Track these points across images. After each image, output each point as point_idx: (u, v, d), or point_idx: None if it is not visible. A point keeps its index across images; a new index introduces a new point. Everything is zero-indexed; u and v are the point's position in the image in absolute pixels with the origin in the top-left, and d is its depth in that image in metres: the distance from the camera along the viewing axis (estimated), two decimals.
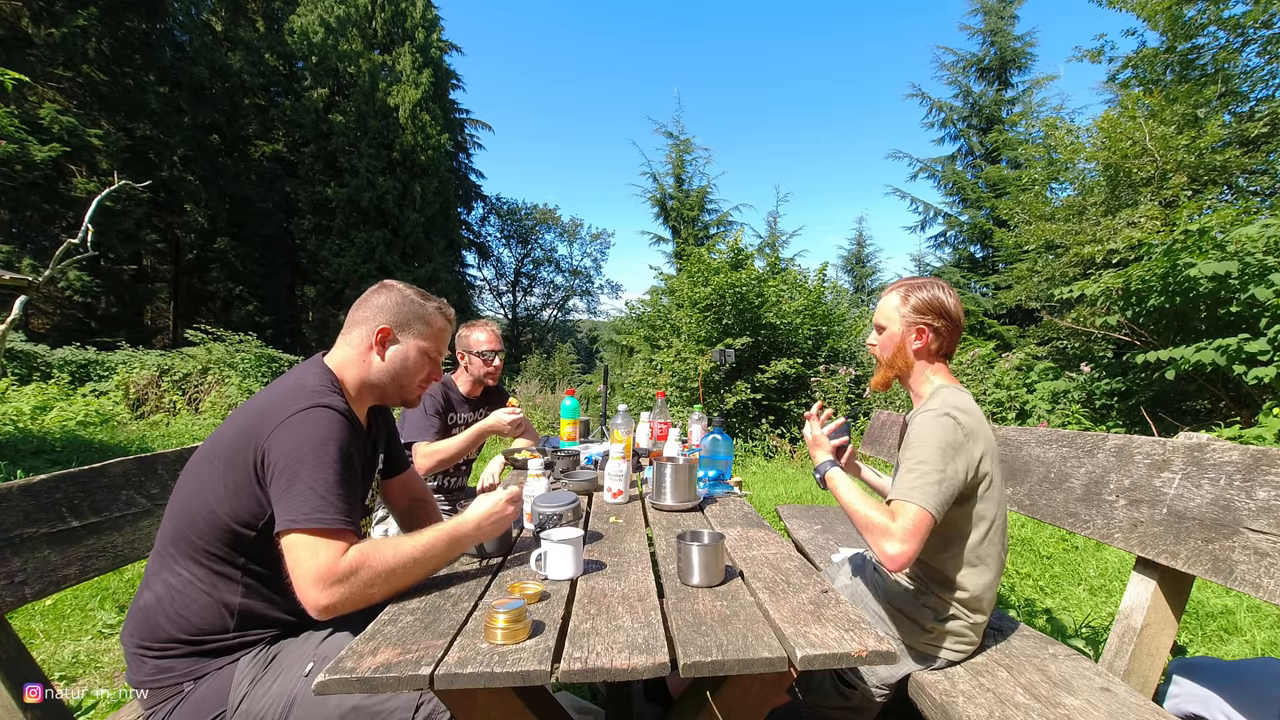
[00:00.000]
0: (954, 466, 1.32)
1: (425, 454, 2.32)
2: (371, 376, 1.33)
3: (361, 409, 1.37)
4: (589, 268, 35.72)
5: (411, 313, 1.34)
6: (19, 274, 8.54)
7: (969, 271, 14.87)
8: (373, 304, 1.34)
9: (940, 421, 1.35)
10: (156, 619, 1.15)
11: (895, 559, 1.25)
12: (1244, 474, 1.28)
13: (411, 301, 1.35)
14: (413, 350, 1.34)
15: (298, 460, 1.09)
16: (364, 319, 1.33)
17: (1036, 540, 3.82)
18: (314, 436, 1.12)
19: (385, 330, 1.31)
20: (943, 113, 15.40)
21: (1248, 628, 2.57)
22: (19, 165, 13.11)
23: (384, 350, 1.32)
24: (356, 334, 1.33)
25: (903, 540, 1.25)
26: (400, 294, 1.35)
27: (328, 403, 1.17)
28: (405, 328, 1.33)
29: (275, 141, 20.42)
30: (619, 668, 0.89)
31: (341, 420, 1.16)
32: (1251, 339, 4.58)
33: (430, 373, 1.41)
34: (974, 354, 7.49)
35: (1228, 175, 7.49)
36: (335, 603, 1.04)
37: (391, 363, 1.33)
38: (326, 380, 1.26)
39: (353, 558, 1.06)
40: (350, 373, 1.32)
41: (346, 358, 1.32)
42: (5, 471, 5.12)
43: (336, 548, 1.06)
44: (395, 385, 1.35)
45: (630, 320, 12.84)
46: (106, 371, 11.20)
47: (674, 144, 16.01)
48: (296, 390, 1.20)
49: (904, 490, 1.31)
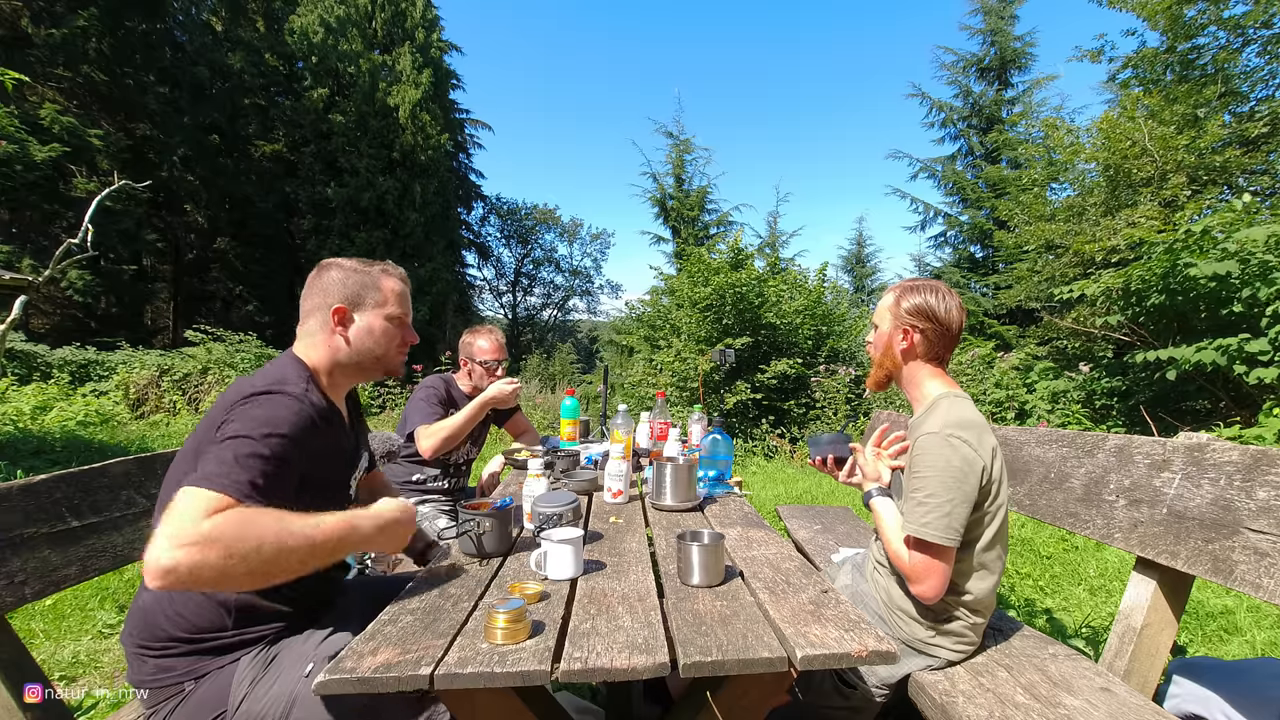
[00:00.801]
0: (962, 491, 1.32)
1: (428, 434, 2.29)
2: (342, 358, 1.29)
3: (340, 394, 1.34)
4: (589, 268, 35.76)
5: (360, 284, 1.30)
6: (19, 274, 8.53)
7: (969, 271, 14.87)
8: (319, 287, 1.30)
9: (945, 448, 1.34)
10: (156, 618, 1.14)
11: (921, 597, 1.36)
12: (1244, 474, 1.28)
13: (356, 273, 1.31)
14: (377, 321, 1.31)
15: (232, 435, 1.04)
16: (316, 305, 1.29)
17: (1036, 540, 3.82)
18: (257, 417, 1.07)
19: (340, 310, 1.28)
20: (943, 113, 15.41)
21: (1248, 628, 2.57)
22: (19, 165, 13.10)
23: (345, 329, 1.29)
24: (313, 321, 1.29)
25: (919, 580, 1.34)
26: (342, 270, 1.31)
27: (286, 389, 1.13)
28: (360, 302, 1.30)
29: (275, 141, 20.42)
30: (619, 668, 0.89)
31: (296, 406, 1.12)
32: (1252, 339, 4.58)
33: (404, 335, 1.37)
34: (974, 354, 7.49)
35: (1228, 175, 7.49)
36: (178, 567, 0.84)
37: (359, 339, 1.30)
38: (295, 370, 1.23)
39: (219, 523, 0.89)
40: (319, 360, 1.28)
41: (311, 346, 1.29)
42: (5, 471, 5.12)
43: (206, 506, 0.91)
44: (372, 359, 1.32)
45: (630, 320, 12.84)
46: (106, 371, 11.19)
47: (674, 144, 16.01)
48: (264, 378, 1.17)
49: (914, 525, 1.33)
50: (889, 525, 1.45)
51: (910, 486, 1.38)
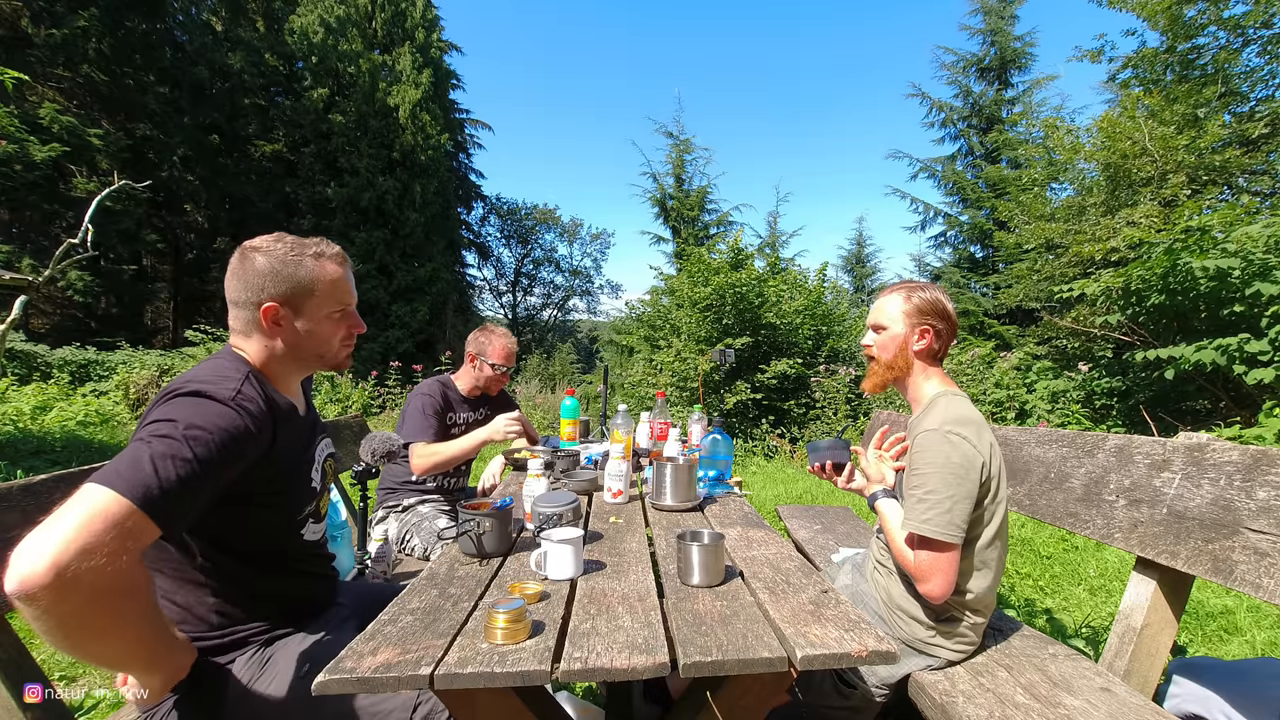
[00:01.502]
0: (963, 488, 1.32)
1: (423, 454, 2.31)
2: (280, 356, 1.17)
3: (290, 385, 1.23)
4: (589, 268, 35.73)
5: (294, 279, 1.13)
6: (19, 274, 8.53)
7: (969, 271, 14.87)
8: (243, 278, 1.13)
9: (945, 444, 1.34)
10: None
11: (929, 596, 1.35)
12: (1244, 474, 1.28)
13: (287, 263, 1.13)
14: (316, 321, 1.17)
15: (150, 431, 0.94)
16: (242, 299, 1.13)
17: (1036, 540, 3.82)
18: (182, 416, 0.96)
19: (271, 309, 1.12)
20: (943, 113, 15.41)
21: (1248, 628, 2.57)
22: (19, 165, 13.11)
23: (280, 328, 1.15)
24: (241, 317, 1.14)
25: (925, 579, 1.34)
26: (268, 259, 1.12)
27: (225, 395, 1.02)
28: (292, 299, 1.14)
29: (275, 141, 20.41)
30: (619, 668, 0.89)
31: (234, 415, 1.00)
32: (1252, 339, 4.58)
33: (349, 327, 1.23)
34: (974, 354, 7.49)
35: (1228, 175, 7.49)
36: (41, 590, 0.78)
37: (295, 340, 1.16)
38: (235, 368, 1.10)
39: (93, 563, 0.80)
40: (257, 357, 1.16)
41: (246, 342, 1.16)
42: (5, 471, 5.12)
43: (104, 509, 0.83)
44: (314, 357, 1.21)
45: (630, 320, 12.84)
46: (106, 371, 11.20)
47: (674, 144, 16.03)
48: (198, 377, 1.05)
49: (915, 522, 1.34)
50: (894, 526, 1.45)
51: (910, 484, 1.38)
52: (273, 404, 1.11)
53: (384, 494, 2.54)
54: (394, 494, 2.53)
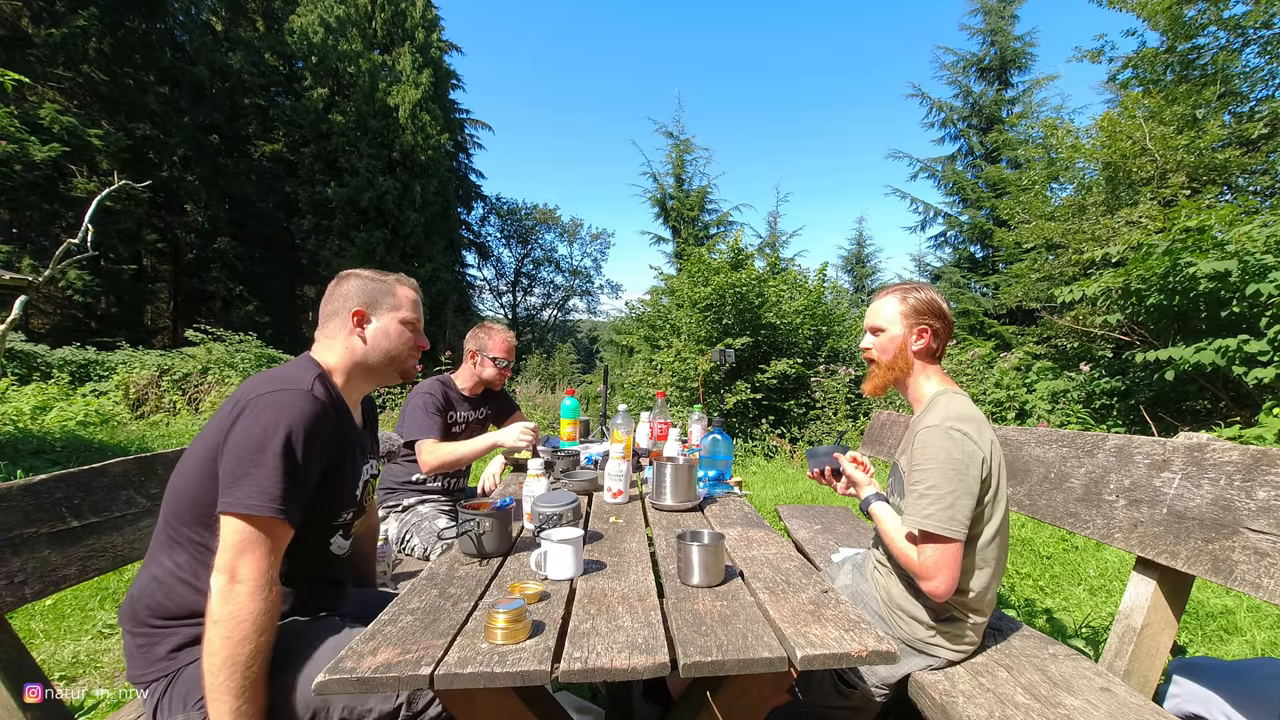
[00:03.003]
0: (964, 483, 1.32)
1: (432, 453, 2.31)
2: (359, 358, 1.37)
3: (354, 396, 1.40)
4: (589, 268, 35.74)
5: (377, 290, 1.40)
6: (19, 274, 8.53)
7: (969, 271, 14.86)
8: (339, 295, 1.39)
9: (946, 439, 1.34)
10: (147, 602, 1.17)
11: (933, 594, 1.34)
12: (1244, 474, 1.28)
13: (373, 281, 1.41)
14: (392, 324, 1.40)
15: (253, 440, 1.10)
16: (335, 310, 1.38)
17: (1036, 540, 3.82)
18: (274, 420, 1.12)
19: (359, 313, 1.37)
20: (943, 113, 15.40)
21: (1248, 628, 2.57)
22: (19, 165, 13.11)
23: (363, 331, 1.37)
24: (333, 325, 1.37)
25: (930, 576, 1.33)
26: (359, 279, 1.40)
27: (295, 385, 1.19)
28: (376, 306, 1.39)
29: (275, 141, 20.40)
30: (619, 668, 0.89)
31: (309, 401, 1.17)
32: (1251, 339, 4.58)
33: (416, 340, 1.45)
34: (974, 354, 7.48)
35: (1227, 175, 7.49)
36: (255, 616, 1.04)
37: (375, 340, 1.38)
38: (308, 367, 1.28)
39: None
40: (336, 360, 1.35)
41: (329, 349, 1.36)
42: (5, 471, 5.12)
43: (248, 538, 1.06)
44: (387, 359, 1.40)
45: (630, 320, 12.84)
46: (106, 371, 11.19)
47: (674, 144, 16.02)
48: (270, 377, 1.22)
49: (917, 518, 1.33)
50: (891, 527, 1.45)
51: (911, 480, 1.38)
52: (337, 405, 1.29)
53: (384, 494, 2.54)
54: (394, 494, 2.53)
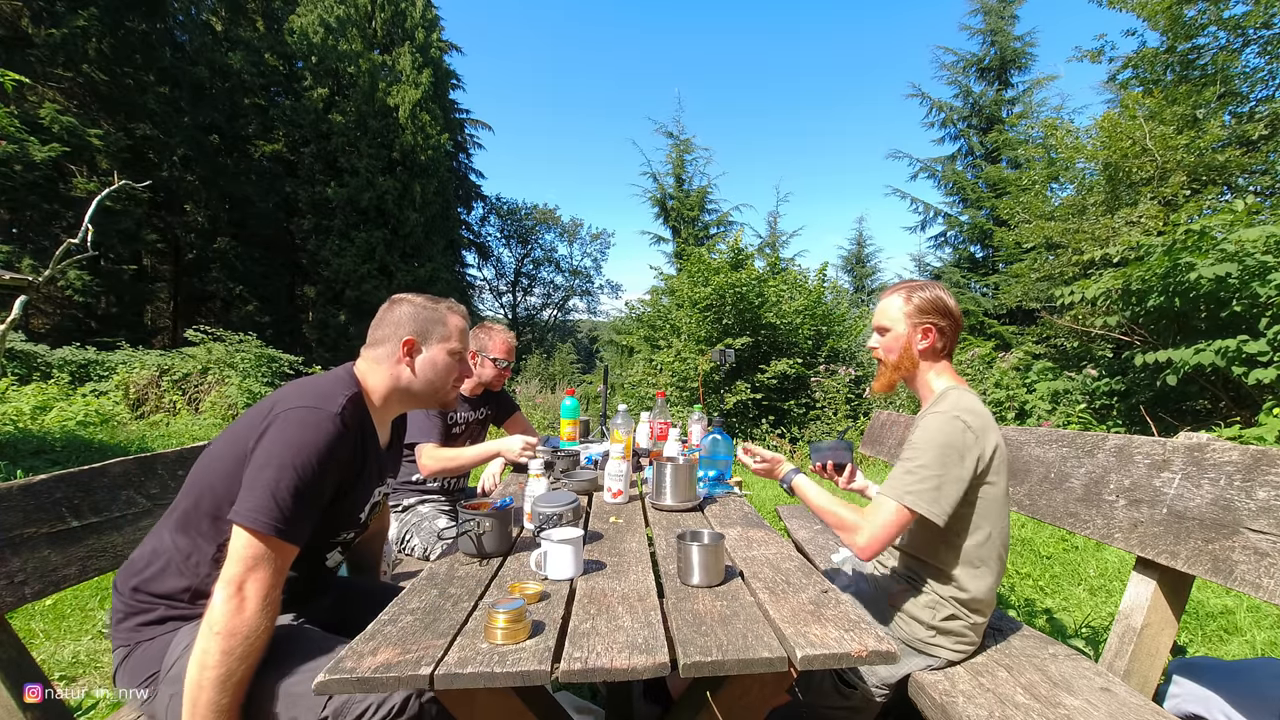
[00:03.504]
0: (957, 470, 1.32)
1: (433, 457, 2.30)
2: (404, 384, 1.38)
3: (386, 417, 1.41)
4: (589, 268, 35.73)
5: (429, 319, 1.40)
6: (19, 274, 8.53)
7: (969, 271, 14.87)
8: (391, 319, 1.39)
9: (949, 424, 1.35)
10: (137, 572, 1.20)
11: (861, 550, 1.35)
12: (1244, 474, 1.28)
13: (426, 309, 1.41)
14: (440, 355, 1.41)
15: (275, 454, 1.11)
16: (387, 335, 1.38)
17: (1036, 540, 3.82)
18: (298, 438, 1.13)
19: (410, 341, 1.37)
20: (943, 113, 15.41)
21: (1248, 628, 2.57)
22: (19, 165, 13.11)
23: (412, 360, 1.38)
24: (383, 350, 1.38)
25: (869, 535, 1.34)
26: (413, 306, 1.41)
27: (326, 405, 1.18)
28: (427, 336, 1.39)
29: (275, 141, 20.40)
30: (619, 668, 0.89)
31: (335, 424, 1.17)
32: (1251, 340, 4.58)
33: (462, 371, 1.46)
34: (974, 354, 7.49)
35: (1228, 175, 7.49)
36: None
37: (423, 370, 1.39)
38: (345, 385, 1.28)
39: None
40: (377, 382, 1.36)
41: (374, 371, 1.37)
42: (5, 471, 5.12)
43: (253, 553, 1.06)
44: (431, 389, 1.41)
45: (630, 320, 12.84)
46: (106, 371, 11.19)
47: (674, 144, 16.05)
48: (305, 389, 1.23)
49: (893, 488, 1.34)
50: (815, 492, 1.50)
51: (904, 456, 1.39)
52: (363, 428, 1.30)
53: None
54: (394, 494, 2.53)
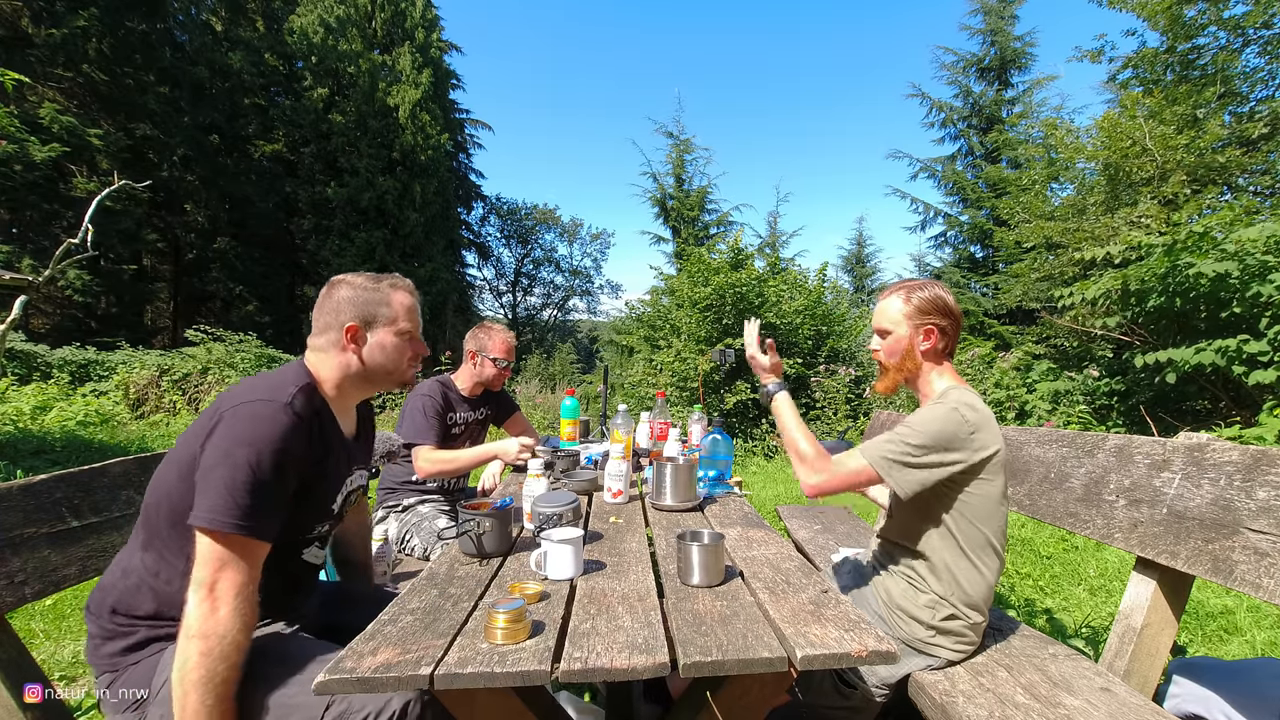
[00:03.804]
0: (939, 457, 1.33)
1: (429, 459, 2.31)
2: (354, 372, 1.32)
3: (346, 405, 1.36)
4: (589, 268, 35.74)
5: (372, 302, 1.33)
6: (19, 274, 8.53)
7: (969, 271, 14.86)
8: (331, 305, 1.32)
9: (949, 414, 1.35)
10: (111, 596, 1.16)
11: (809, 487, 1.38)
12: (1244, 474, 1.28)
13: (367, 290, 1.34)
14: (388, 338, 1.34)
15: (225, 452, 1.07)
16: (329, 322, 1.31)
17: (1036, 540, 3.82)
18: (247, 433, 1.09)
19: (353, 328, 1.31)
20: (943, 113, 15.40)
21: (1248, 628, 2.57)
22: (19, 165, 13.11)
23: (358, 346, 1.32)
24: (326, 338, 1.32)
25: (825, 478, 1.37)
26: (352, 288, 1.33)
27: (274, 397, 1.14)
28: (371, 320, 1.33)
29: (275, 141, 20.40)
30: (619, 668, 0.89)
31: (285, 415, 1.13)
32: (1251, 340, 4.58)
33: (414, 350, 1.40)
34: (974, 354, 7.49)
35: (1228, 175, 7.48)
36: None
37: (372, 356, 1.33)
38: (295, 377, 1.23)
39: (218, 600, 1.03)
40: (328, 371, 1.31)
41: (323, 360, 1.31)
42: (5, 471, 5.12)
43: (216, 554, 1.04)
44: (384, 373, 1.36)
45: (630, 320, 12.83)
46: (106, 371, 11.20)
47: (674, 144, 16.02)
48: (253, 385, 1.17)
49: (871, 449, 1.36)
50: (790, 419, 1.50)
51: (896, 429, 1.40)
52: (319, 417, 1.24)
53: (384, 494, 2.54)
54: (394, 494, 2.53)
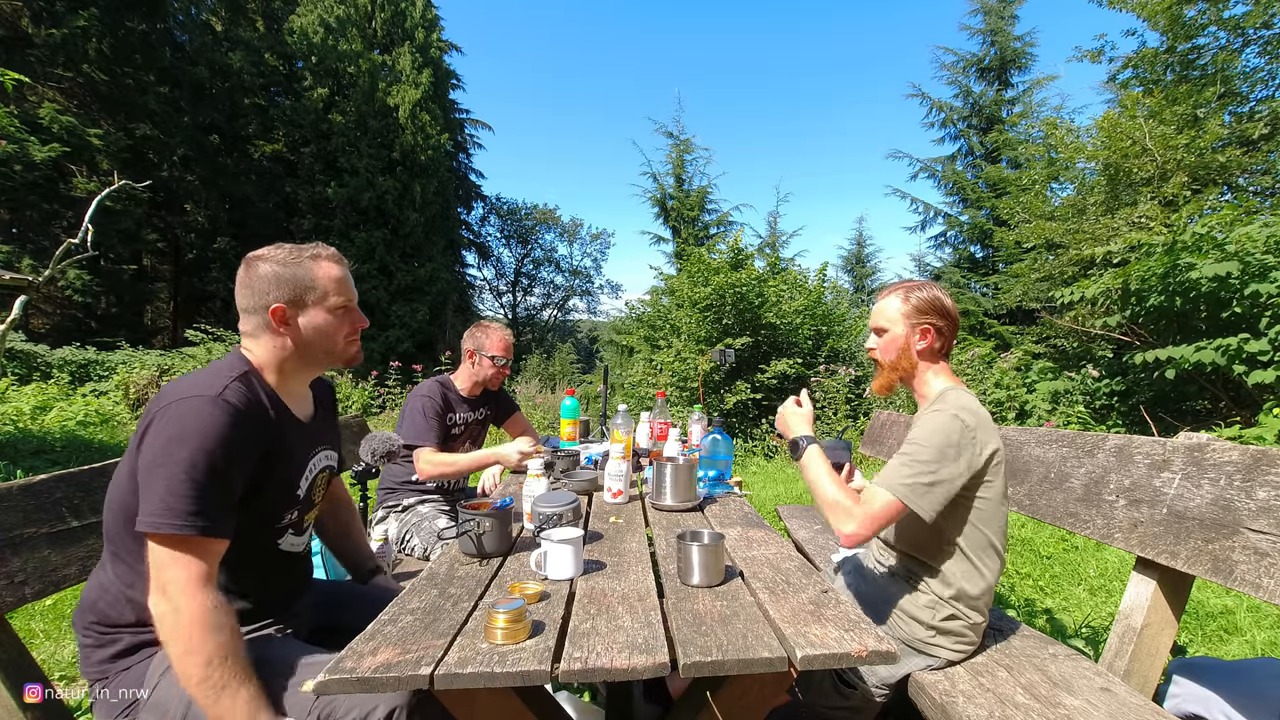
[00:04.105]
0: (952, 469, 1.33)
1: (430, 462, 2.31)
2: (289, 354, 1.23)
3: (294, 389, 1.29)
4: (589, 268, 35.72)
5: (294, 278, 1.21)
6: (19, 274, 8.54)
7: (969, 271, 14.86)
8: (252, 285, 1.20)
9: (949, 423, 1.35)
10: (92, 608, 1.14)
11: (848, 537, 1.34)
12: (1244, 474, 1.28)
13: (288, 266, 1.21)
14: (320, 317, 1.24)
15: (159, 453, 1.02)
16: (252, 304, 1.20)
17: (1036, 540, 3.82)
18: (179, 431, 1.03)
19: (279, 310, 1.20)
20: (943, 113, 15.40)
21: (1248, 628, 2.57)
22: (19, 165, 13.12)
23: (289, 328, 1.22)
24: (253, 321, 1.21)
25: (860, 522, 1.33)
26: (272, 265, 1.21)
27: (204, 392, 1.07)
28: (299, 300, 1.22)
29: (275, 141, 20.40)
30: (619, 668, 0.89)
31: (218, 408, 1.06)
32: (1251, 339, 4.58)
33: (353, 322, 1.30)
34: (974, 354, 7.49)
35: (1228, 175, 7.49)
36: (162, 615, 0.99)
37: (304, 337, 1.23)
38: (229, 367, 1.17)
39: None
40: (264, 357, 1.22)
41: (255, 345, 1.23)
42: (5, 471, 5.12)
43: (172, 558, 1.01)
44: (323, 353, 1.27)
45: (630, 320, 12.83)
46: (106, 371, 11.20)
47: (674, 144, 16.02)
48: (183, 382, 1.10)
49: (888, 479, 1.34)
50: (818, 471, 1.46)
51: (902, 449, 1.39)
52: (263, 404, 1.18)
53: (384, 494, 2.54)
54: (394, 494, 2.53)
